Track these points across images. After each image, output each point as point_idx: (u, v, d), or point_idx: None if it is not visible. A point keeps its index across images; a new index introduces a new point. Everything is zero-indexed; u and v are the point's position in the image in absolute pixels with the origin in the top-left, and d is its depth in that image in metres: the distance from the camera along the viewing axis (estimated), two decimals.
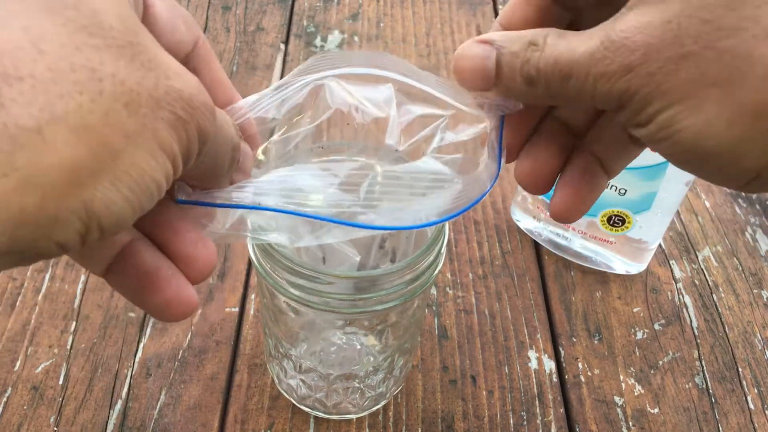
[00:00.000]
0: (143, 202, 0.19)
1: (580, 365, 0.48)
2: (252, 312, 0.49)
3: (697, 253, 0.56)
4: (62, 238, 0.17)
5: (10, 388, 0.44)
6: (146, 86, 0.18)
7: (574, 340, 0.49)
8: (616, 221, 0.50)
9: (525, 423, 0.44)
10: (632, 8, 0.22)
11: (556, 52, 0.23)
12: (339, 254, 0.34)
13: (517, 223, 0.56)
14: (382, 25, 0.75)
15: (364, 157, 0.36)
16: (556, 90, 0.24)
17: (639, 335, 0.50)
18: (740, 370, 0.48)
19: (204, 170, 0.23)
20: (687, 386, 0.47)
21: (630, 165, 0.47)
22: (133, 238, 0.24)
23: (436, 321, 0.50)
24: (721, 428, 0.45)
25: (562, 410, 0.45)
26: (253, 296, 0.50)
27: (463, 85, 0.27)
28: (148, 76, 0.18)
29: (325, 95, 0.28)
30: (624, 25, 0.22)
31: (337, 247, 0.34)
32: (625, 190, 0.48)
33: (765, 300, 0.53)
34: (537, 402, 0.46)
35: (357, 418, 0.44)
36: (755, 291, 0.54)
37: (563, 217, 0.29)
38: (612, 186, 0.48)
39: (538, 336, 0.49)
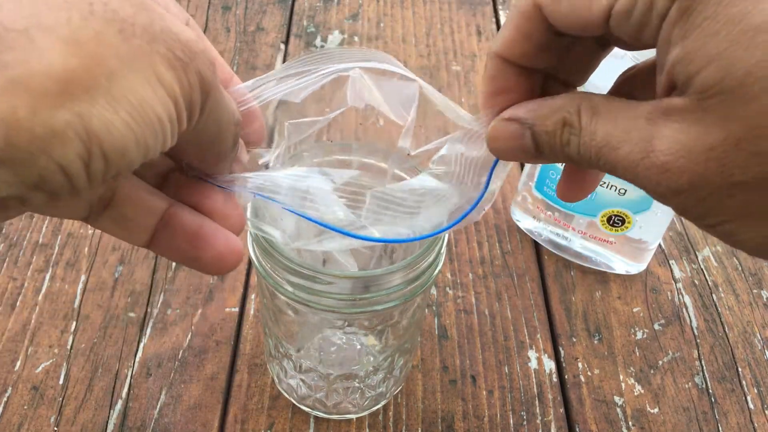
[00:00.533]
0: (147, 135, 0.18)
1: (580, 365, 0.48)
2: (252, 312, 0.49)
3: (697, 253, 0.56)
4: (63, 158, 0.17)
5: (10, 388, 0.44)
6: (140, 21, 0.18)
7: (574, 340, 0.49)
8: (616, 221, 0.50)
9: (525, 423, 0.44)
10: (667, 119, 0.20)
11: (596, 144, 0.22)
12: (339, 264, 0.35)
13: (517, 223, 0.56)
14: (382, 25, 0.75)
15: (374, 160, 0.36)
16: (603, 170, 0.23)
17: (639, 335, 0.50)
18: (740, 370, 0.49)
19: (207, 140, 0.22)
20: (687, 386, 0.47)
21: None
22: (170, 204, 0.24)
23: (436, 321, 0.50)
24: (720, 428, 0.45)
25: (562, 410, 0.45)
26: (253, 296, 0.50)
27: (502, 158, 0.26)
28: (142, 12, 0.18)
29: (347, 89, 0.28)
30: (663, 146, 0.20)
31: (338, 258, 0.34)
32: (625, 190, 0.48)
33: (765, 300, 0.53)
34: (537, 402, 0.46)
35: (357, 418, 0.44)
36: (755, 291, 0.54)
37: (570, 199, 0.29)
38: (612, 186, 0.48)
39: (538, 336, 0.49)
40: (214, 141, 0.23)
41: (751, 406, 0.47)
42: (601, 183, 0.48)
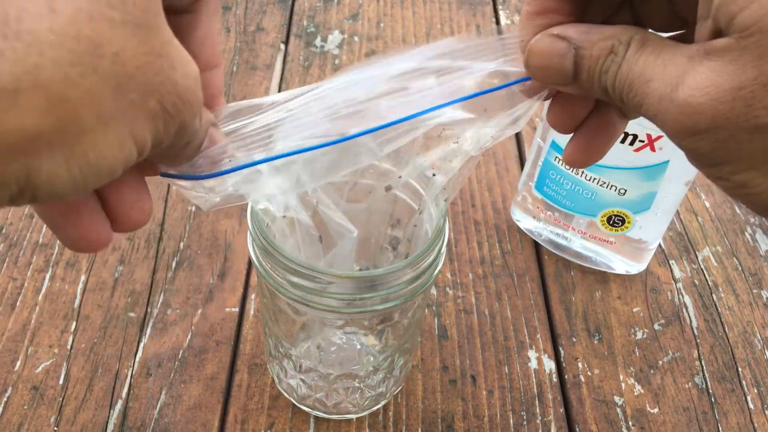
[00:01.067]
0: (88, 183, 0.18)
1: (579, 365, 0.48)
2: (252, 312, 0.49)
3: (697, 253, 0.56)
4: None
5: (10, 388, 0.44)
6: (146, 72, 0.18)
7: (574, 340, 0.49)
8: (616, 221, 0.50)
9: (525, 423, 0.44)
10: (707, 57, 0.20)
11: (631, 74, 0.22)
12: (335, 229, 0.34)
13: (517, 223, 0.56)
14: (382, 25, 0.75)
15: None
16: (629, 108, 0.23)
17: (639, 335, 0.50)
18: (740, 369, 0.49)
19: (163, 157, 0.22)
20: (687, 386, 0.47)
21: (630, 165, 0.48)
22: None
23: (436, 321, 0.50)
24: (720, 428, 0.45)
25: (562, 410, 0.45)
26: (253, 296, 0.50)
27: (536, 78, 0.26)
28: (154, 61, 0.18)
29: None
30: (693, 81, 0.20)
31: (334, 222, 0.34)
32: (625, 190, 0.48)
33: (765, 300, 0.53)
34: (537, 402, 0.46)
35: (357, 418, 0.44)
36: (755, 291, 0.54)
37: (578, 164, 0.28)
38: (612, 186, 0.48)
39: (538, 336, 0.49)
40: (169, 158, 0.23)
41: (751, 406, 0.47)
42: (601, 183, 0.48)
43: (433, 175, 0.34)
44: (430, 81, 0.26)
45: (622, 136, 0.45)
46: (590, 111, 0.28)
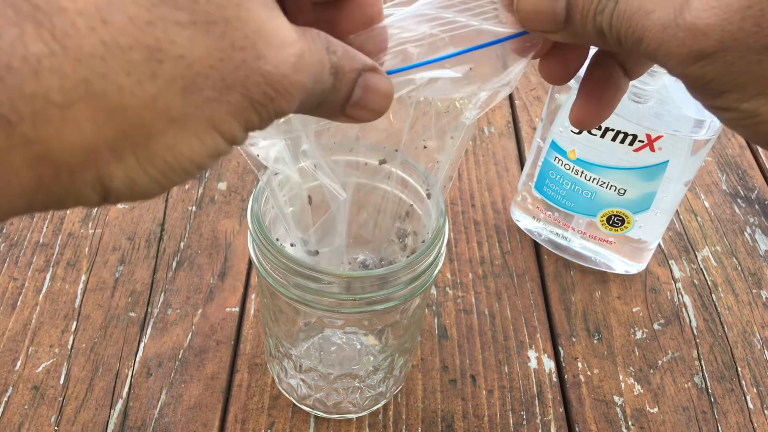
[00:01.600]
0: (175, 181, 0.18)
1: (579, 365, 0.48)
2: (252, 312, 0.49)
3: (697, 253, 0.57)
4: (76, 204, 0.17)
5: (10, 388, 0.44)
6: (222, 69, 0.17)
7: (574, 339, 0.50)
8: (616, 221, 0.50)
9: (525, 422, 0.45)
10: None
11: (630, 9, 0.21)
12: (326, 193, 0.33)
13: (517, 223, 0.56)
14: None
15: (374, 159, 0.36)
16: (627, 47, 0.22)
17: (638, 335, 0.50)
18: (739, 369, 0.49)
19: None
20: (686, 386, 0.47)
21: (629, 165, 0.48)
22: None
23: (436, 321, 0.50)
24: (720, 428, 0.45)
25: (561, 410, 0.45)
26: (253, 296, 0.50)
27: (525, 25, 0.25)
28: (232, 56, 0.17)
29: None
30: (699, 3, 0.19)
31: (325, 184, 0.33)
32: (625, 190, 0.48)
33: (764, 300, 0.53)
34: (537, 401, 0.46)
35: (357, 418, 0.44)
36: (754, 291, 0.54)
37: (585, 123, 0.28)
38: (611, 186, 0.48)
39: (538, 336, 0.49)
40: (319, 113, 0.22)
41: (751, 405, 0.47)
42: (600, 183, 0.48)
43: (425, 147, 0.33)
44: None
45: (622, 136, 0.45)
46: (584, 61, 0.27)
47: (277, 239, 0.35)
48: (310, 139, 0.30)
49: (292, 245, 0.35)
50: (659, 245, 0.56)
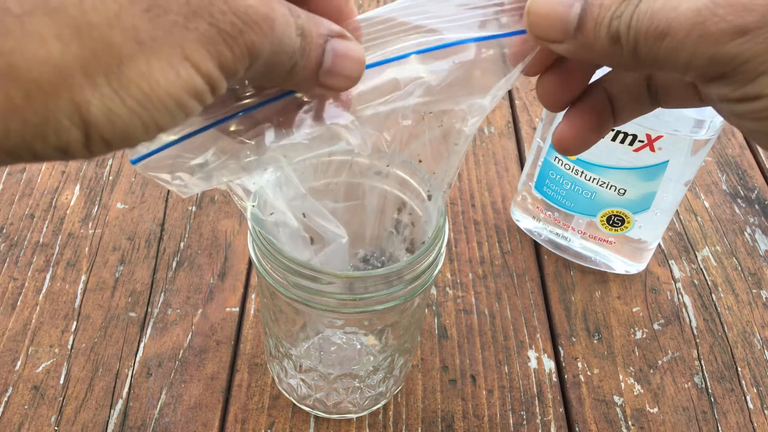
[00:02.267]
0: (158, 119, 0.18)
1: (579, 365, 0.48)
2: (252, 312, 0.49)
3: (697, 253, 0.57)
4: (59, 143, 0.16)
5: (10, 388, 0.44)
6: None
7: (574, 339, 0.50)
8: (616, 221, 0.50)
9: (525, 422, 0.45)
10: None
11: (653, 8, 0.20)
12: (326, 234, 0.34)
13: (517, 223, 0.56)
14: None
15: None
16: (643, 51, 0.21)
17: (638, 335, 0.50)
18: (739, 369, 0.49)
19: (256, 79, 0.21)
20: (686, 386, 0.47)
21: (629, 165, 0.48)
22: None
23: (436, 321, 0.50)
24: (720, 428, 0.45)
25: (561, 410, 0.45)
26: (253, 296, 0.50)
27: (534, 32, 0.24)
28: None
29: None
30: None
31: (323, 227, 0.33)
32: (625, 190, 0.48)
33: (764, 300, 0.53)
34: (537, 401, 0.46)
35: (357, 418, 0.44)
36: (754, 291, 0.54)
37: (564, 148, 0.27)
38: (611, 186, 0.48)
39: (538, 336, 0.49)
40: (262, 79, 0.22)
41: (751, 405, 0.47)
42: (600, 183, 0.48)
43: (419, 162, 0.33)
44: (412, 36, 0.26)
45: (622, 136, 0.45)
46: (585, 85, 0.27)
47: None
48: (295, 176, 0.30)
49: None
50: (659, 245, 0.56)
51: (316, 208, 0.33)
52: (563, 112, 0.28)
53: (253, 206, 0.31)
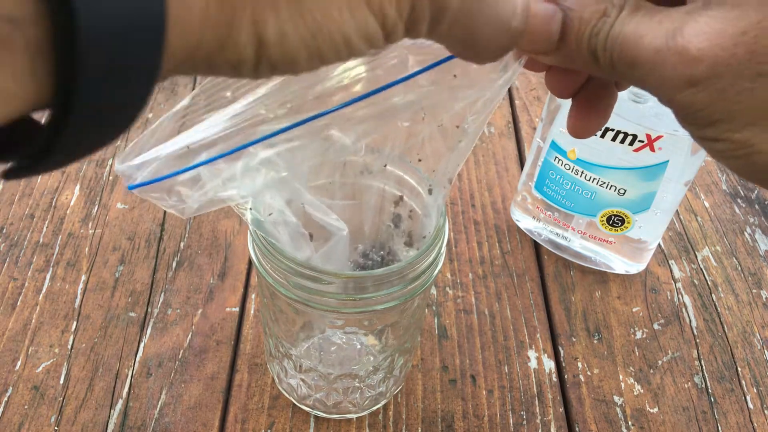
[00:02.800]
0: (324, 52, 0.18)
1: (579, 365, 0.48)
2: (252, 312, 0.49)
3: (697, 253, 0.57)
4: (233, 58, 0.17)
5: (10, 388, 0.44)
6: None
7: (574, 339, 0.50)
8: (616, 221, 0.50)
9: (525, 422, 0.45)
10: (706, 8, 0.19)
11: (624, 33, 0.21)
12: (327, 229, 0.33)
13: (517, 223, 0.56)
14: None
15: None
16: (620, 71, 0.22)
17: (638, 335, 0.50)
18: (739, 369, 0.49)
19: (454, 45, 0.21)
20: (686, 386, 0.47)
21: (629, 165, 0.48)
22: None
23: (436, 321, 0.50)
24: (720, 428, 0.45)
25: (561, 410, 0.45)
26: (253, 296, 0.50)
27: (519, 46, 0.24)
28: None
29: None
30: (693, 29, 0.19)
31: (324, 222, 0.33)
32: (625, 190, 0.48)
33: (764, 300, 0.53)
34: (537, 401, 0.46)
35: (357, 418, 0.44)
36: (754, 291, 0.54)
37: (582, 133, 0.27)
38: (611, 186, 0.48)
39: (538, 336, 0.49)
40: (464, 49, 0.21)
41: (751, 405, 0.47)
42: (600, 183, 0.48)
43: (419, 161, 0.33)
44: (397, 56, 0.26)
45: (622, 136, 0.45)
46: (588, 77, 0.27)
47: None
48: (295, 177, 0.30)
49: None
50: (659, 245, 0.56)
51: (314, 203, 0.33)
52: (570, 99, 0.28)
53: (251, 210, 0.31)
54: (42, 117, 0.16)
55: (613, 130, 0.46)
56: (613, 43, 0.21)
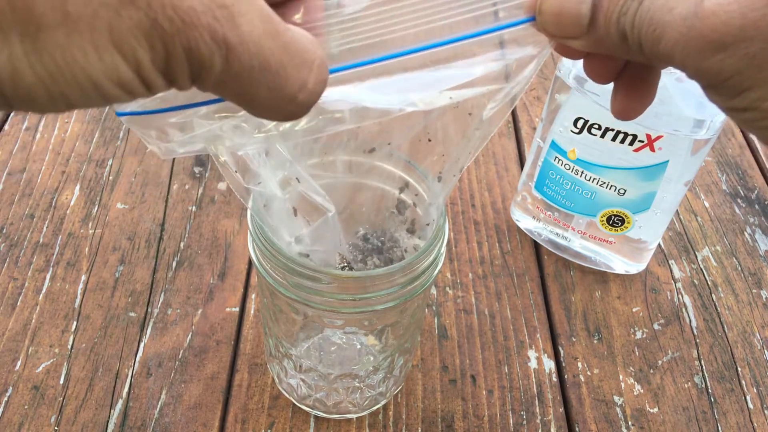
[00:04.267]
0: (69, 95, 0.17)
1: (579, 365, 0.48)
2: (252, 312, 0.49)
3: (697, 253, 0.57)
4: None
5: (11, 388, 0.44)
6: None
7: (574, 339, 0.50)
8: (616, 221, 0.50)
9: (525, 422, 0.45)
10: None
11: (653, 7, 0.20)
12: (312, 206, 0.32)
13: (517, 223, 0.56)
14: None
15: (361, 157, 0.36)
16: (647, 51, 0.21)
17: (638, 335, 0.50)
18: (739, 369, 0.49)
19: (234, 99, 0.20)
20: (686, 386, 0.47)
21: (629, 165, 0.48)
22: None
23: (436, 321, 0.50)
24: (720, 428, 0.45)
25: (561, 410, 0.45)
26: (253, 296, 0.50)
27: (548, 31, 0.24)
28: None
29: None
30: None
31: (311, 198, 0.32)
32: (625, 190, 0.48)
33: (764, 300, 0.53)
34: (537, 401, 0.46)
35: (357, 418, 0.44)
36: (754, 291, 0.54)
37: (629, 114, 0.27)
38: (611, 186, 0.48)
39: (538, 336, 0.49)
40: (248, 108, 0.20)
41: (751, 405, 0.47)
42: (600, 183, 0.48)
43: (429, 141, 0.32)
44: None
45: (622, 136, 0.45)
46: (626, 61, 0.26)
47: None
48: (287, 150, 0.29)
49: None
50: (659, 245, 0.56)
51: (303, 177, 0.32)
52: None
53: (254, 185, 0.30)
54: None
55: (613, 130, 0.46)
56: (642, 19, 0.21)
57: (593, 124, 0.46)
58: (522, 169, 0.60)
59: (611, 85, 0.27)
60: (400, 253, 0.37)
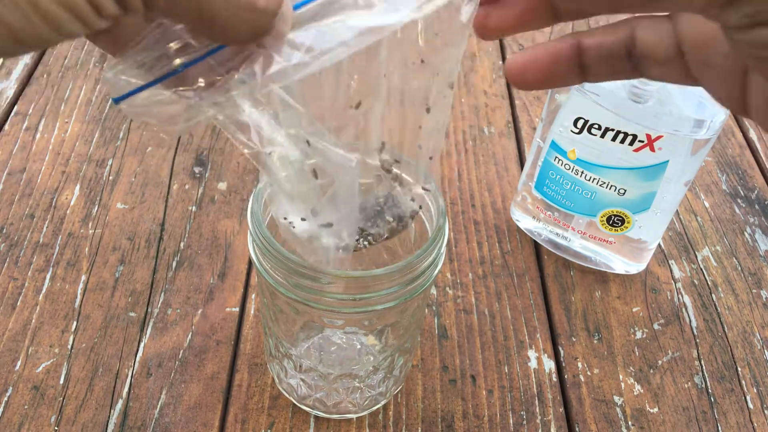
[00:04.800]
0: (11, 21, 0.16)
1: (579, 365, 0.48)
2: (252, 312, 0.49)
3: (697, 253, 0.57)
4: None
5: (10, 388, 0.44)
6: None
7: (574, 339, 0.50)
8: (616, 221, 0.50)
9: (525, 422, 0.45)
10: None
11: None
12: (333, 163, 0.30)
13: (517, 223, 0.56)
14: None
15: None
16: None
17: (638, 335, 0.50)
18: (739, 369, 0.49)
19: (189, 24, 0.19)
20: (686, 386, 0.47)
21: (629, 165, 0.48)
22: None
23: (436, 321, 0.50)
24: (720, 428, 0.45)
25: (561, 410, 0.45)
26: (253, 296, 0.50)
27: None
28: None
29: None
30: None
31: (331, 153, 0.29)
32: (625, 190, 0.48)
33: (764, 300, 0.53)
34: (537, 401, 0.46)
35: (357, 418, 0.44)
36: (754, 291, 0.54)
37: (488, 31, 0.24)
38: (611, 186, 0.48)
39: (538, 336, 0.49)
40: (204, 27, 0.19)
41: (751, 405, 0.47)
42: (600, 183, 0.48)
43: (420, 127, 0.30)
44: None
45: (622, 136, 0.45)
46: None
47: (285, 218, 0.33)
48: (294, 101, 0.28)
49: (303, 220, 0.32)
50: (659, 245, 0.56)
51: (319, 131, 0.29)
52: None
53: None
54: None
55: (613, 130, 0.46)
56: None
57: (593, 124, 0.46)
58: (522, 169, 0.60)
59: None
60: (405, 208, 0.35)
